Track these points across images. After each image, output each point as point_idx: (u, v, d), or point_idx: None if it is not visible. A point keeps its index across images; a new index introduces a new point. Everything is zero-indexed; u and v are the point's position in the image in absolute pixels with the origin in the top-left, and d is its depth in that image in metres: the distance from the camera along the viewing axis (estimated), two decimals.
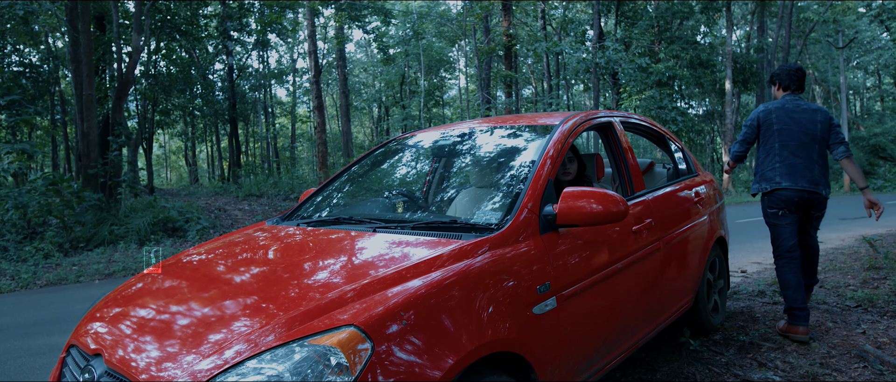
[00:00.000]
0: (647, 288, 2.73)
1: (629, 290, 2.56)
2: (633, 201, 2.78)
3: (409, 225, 2.22)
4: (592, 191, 2.08)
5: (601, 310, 2.34)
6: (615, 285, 2.43)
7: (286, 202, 13.74)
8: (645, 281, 2.71)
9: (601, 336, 2.34)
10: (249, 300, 1.80)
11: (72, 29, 10.60)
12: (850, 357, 3.18)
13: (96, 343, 1.86)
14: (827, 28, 27.67)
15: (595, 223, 2.06)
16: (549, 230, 2.12)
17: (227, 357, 1.51)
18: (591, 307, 2.25)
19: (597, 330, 2.30)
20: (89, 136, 10.43)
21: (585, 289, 2.19)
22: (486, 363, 1.79)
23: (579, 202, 2.07)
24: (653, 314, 2.83)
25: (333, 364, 1.46)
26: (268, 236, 2.51)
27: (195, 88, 20.54)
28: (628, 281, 2.54)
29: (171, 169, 41.59)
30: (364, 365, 1.47)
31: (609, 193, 2.06)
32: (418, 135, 3.29)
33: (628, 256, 2.54)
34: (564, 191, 2.10)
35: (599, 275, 2.30)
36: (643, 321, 2.73)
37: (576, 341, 2.13)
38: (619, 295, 2.47)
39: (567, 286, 2.08)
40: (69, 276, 7.13)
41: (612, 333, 2.43)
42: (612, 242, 2.44)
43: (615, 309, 2.45)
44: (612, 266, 2.40)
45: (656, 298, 2.85)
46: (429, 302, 1.66)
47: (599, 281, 2.29)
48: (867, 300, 4.16)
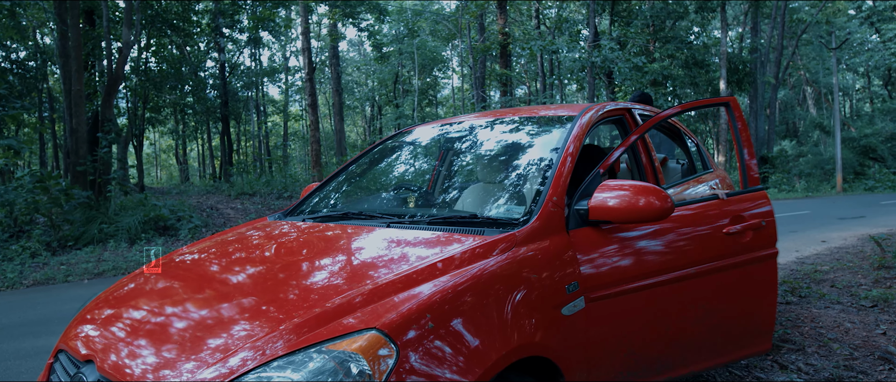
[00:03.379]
0: (709, 312, 2.31)
1: (684, 307, 2.21)
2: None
3: (425, 220, 2.08)
4: (631, 184, 1.90)
5: (644, 321, 2.08)
6: (665, 296, 2.13)
7: (279, 201, 13.54)
8: (705, 302, 2.29)
9: (641, 348, 2.08)
10: (255, 301, 1.65)
11: (60, 23, 10.34)
12: (874, 359, 3.08)
13: (87, 348, 1.70)
14: (819, 29, 27.82)
15: (632, 220, 1.87)
16: (581, 226, 1.97)
17: (234, 366, 1.36)
18: (629, 314, 2.02)
19: (636, 342, 2.06)
20: (78, 133, 10.19)
21: (622, 294, 1.97)
22: (514, 368, 1.65)
23: (614, 196, 1.89)
24: (715, 346, 2.37)
25: (355, 373, 1.31)
26: (271, 232, 2.35)
27: (186, 85, 20.25)
28: (684, 295, 2.19)
29: (161, 167, 41.14)
30: (388, 374, 1.33)
31: (649, 186, 1.87)
32: (426, 127, 3.14)
33: (689, 266, 2.18)
34: (601, 184, 1.95)
35: (644, 283, 2.04)
36: (701, 348, 2.32)
37: (609, 348, 1.95)
38: (669, 309, 2.16)
39: (599, 287, 1.90)
40: (57, 276, 6.91)
41: (657, 349, 2.15)
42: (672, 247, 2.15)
43: (663, 323, 2.15)
44: (664, 274, 2.09)
45: (721, 328, 2.37)
46: (455, 303, 1.52)
47: (642, 288, 2.03)
48: (882, 299, 4.06)
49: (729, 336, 2.42)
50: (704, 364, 2.37)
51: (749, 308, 2.45)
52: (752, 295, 2.44)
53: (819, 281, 4.85)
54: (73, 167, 10.26)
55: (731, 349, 2.45)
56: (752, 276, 2.40)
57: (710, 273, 2.25)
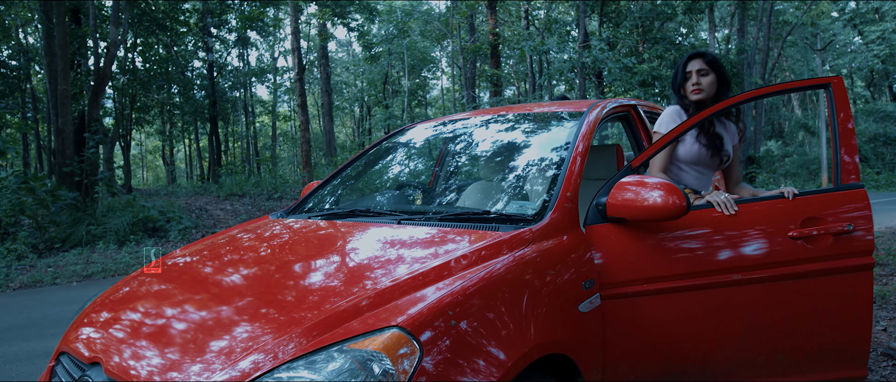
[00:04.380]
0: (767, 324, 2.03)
1: (731, 316, 1.99)
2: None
3: (437, 217, 2.04)
4: (649, 181, 1.84)
5: (674, 324, 1.94)
6: (702, 301, 1.95)
7: (269, 202, 13.41)
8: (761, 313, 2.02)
9: (669, 352, 1.95)
10: (265, 301, 1.60)
11: (46, 21, 10.17)
12: (877, 355, 3.09)
13: (91, 350, 1.64)
14: (804, 31, 28.19)
15: (648, 218, 1.82)
16: (598, 222, 1.94)
17: (253, 366, 1.31)
18: (654, 316, 1.90)
19: (662, 345, 1.94)
20: (64, 133, 10.01)
21: (645, 295, 1.88)
22: (535, 366, 1.61)
23: (630, 193, 1.84)
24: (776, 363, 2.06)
25: (378, 373, 1.26)
26: (277, 231, 2.30)
27: (174, 85, 20.03)
28: (729, 302, 1.98)
29: (147, 168, 40.64)
30: (413, 373, 1.28)
31: (664, 182, 1.82)
32: (430, 124, 3.10)
33: (736, 271, 1.96)
34: (619, 182, 1.92)
35: (672, 285, 1.90)
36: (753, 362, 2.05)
37: (629, 348, 1.89)
38: (709, 315, 1.97)
39: (616, 284, 1.85)
40: (45, 278, 6.77)
41: (690, 356, 1.97)
42: (711, 250, 1.96)
43: (700, 329, 1.97)
44: (699, 278, 1.92)
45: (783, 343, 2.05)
46: (475, 300, 1.48)
47: (670, 290, 1.90)
48: (880, 296, 4.09)
49: (796, 354, 2.08)
50: (759, 379, 2.08)
51: (827, 325, 2.07)
52: (832, 310, 2.05)
53: None
54: (59, 168, 10.08)
55: (799, 368, 2.09)
56: (832, 289, 2.02)
57: (765, 280, 1.98)
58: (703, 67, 2.46)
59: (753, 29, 24.70)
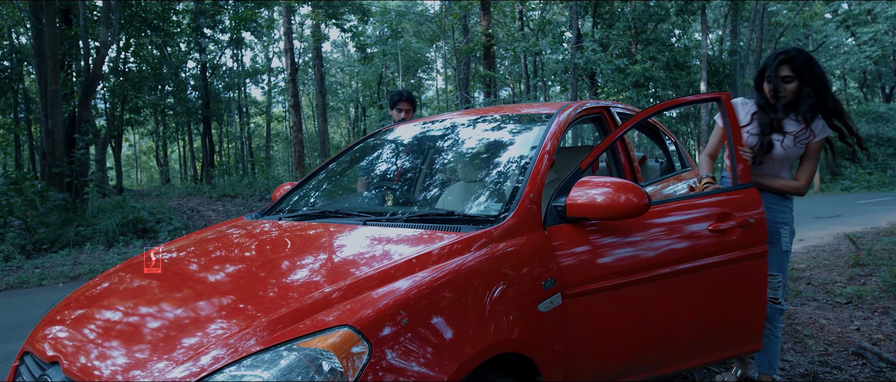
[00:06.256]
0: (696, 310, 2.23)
1: (669, 305, 2.14)
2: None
3: (403, 218, 2.06)
4: (607, 180, 1.89)
5: (624, 318, 2.02)
6: (647, 294, 2.06)
7: (262, 202, 13.41)
8: (691, 300, 2.21)
9: (623, 346, 2.04)
10: (227, 300, 1.62)
11: (36, 22, 10.13)
12: (848, 354, 3.12)
13: (54, 349, 1.66)
14: (797, 32, 28.33)
15: (607, 217, 1.86)
16: (559, 222, 1.97)
17: (204, 364, 1.34)
18: (608, 312, 1.97)
19: (617, 339, 2.02)
20: (54, 134, 9.99)
21: (600, 291, 1.93)
22: (490, 365, 1.64)
23: (590, 193, 1.88)
24: (703, 345, 2.29)
25: (326, 370, 1.29)
26: (247, 231, 2.32)
27: (167, 86, 19.99)
28: (668, 293, 2.13)
29: (141, 169, 40.54)
30: (361, 371, 1.31)
31: (625, 183, 1.86)
32: (405, 126, 3.13)
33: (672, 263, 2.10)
34: (578, 181, 1.94)
35: (623, 280, 1.98)
36: (687, 346, 2.25)
37: (588, 345, 1.92)
38: (652, 306, 2.09)
39: (576, 284, 1.88)
40: (31, 279, 6.76)
41: (641, 347, 2.09)
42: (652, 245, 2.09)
43: (646, 321, 2.09)
44: (644, 272, 2.03)
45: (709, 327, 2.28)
46: (429, 300, 1.51)
47: (622, 285, 1.98)
48: (856, 296, 4.13)
49: (717, 335, 2.33)
50: (692, 362, 2.30)
51: (738, 306, 2.33)
52: (742, 293, 2.32)
53: (795, 279, 4.91)
54: (49, 168, 10.06)
55: (719, 348, 2.34)
56: (741, 275, 2.29)
57: (695, 271, 2.17)
58: (788, 74, 2.44)
59: (747, 30, 24.82)
